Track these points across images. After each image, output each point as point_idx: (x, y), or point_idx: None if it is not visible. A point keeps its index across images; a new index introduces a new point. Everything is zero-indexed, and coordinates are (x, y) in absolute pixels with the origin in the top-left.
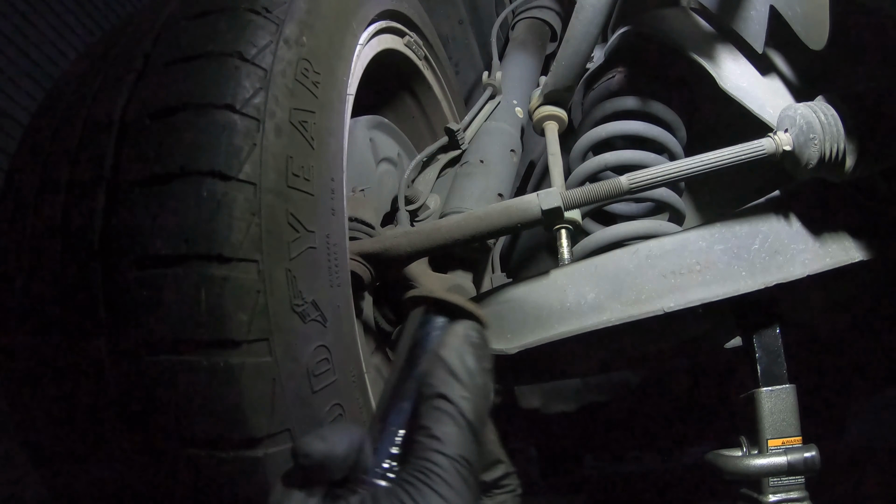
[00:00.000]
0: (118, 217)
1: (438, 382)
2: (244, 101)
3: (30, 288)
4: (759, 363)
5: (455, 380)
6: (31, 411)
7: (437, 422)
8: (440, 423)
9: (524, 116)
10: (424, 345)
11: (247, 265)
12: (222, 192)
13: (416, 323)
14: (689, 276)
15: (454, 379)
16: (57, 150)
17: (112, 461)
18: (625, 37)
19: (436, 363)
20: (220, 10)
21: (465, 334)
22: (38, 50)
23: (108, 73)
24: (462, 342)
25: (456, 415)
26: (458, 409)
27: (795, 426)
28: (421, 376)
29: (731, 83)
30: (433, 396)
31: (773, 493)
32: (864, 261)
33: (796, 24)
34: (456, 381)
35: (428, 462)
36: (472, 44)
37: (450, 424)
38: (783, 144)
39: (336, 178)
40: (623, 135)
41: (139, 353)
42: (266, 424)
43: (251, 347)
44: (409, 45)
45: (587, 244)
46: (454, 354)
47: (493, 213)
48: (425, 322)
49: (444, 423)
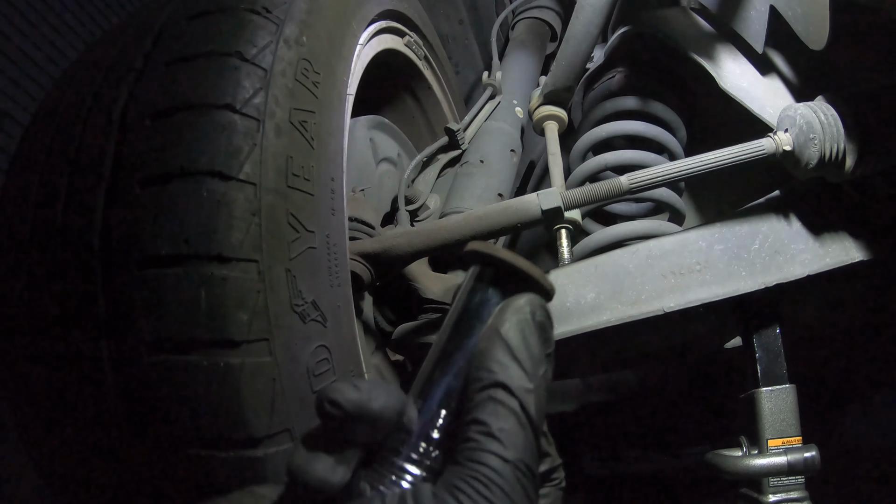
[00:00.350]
0: (118, 217)
1: (499, 368)
2: (244, 101)
3: (30, 288)
4: (759, 363)
5: (519, 368)
6: (30, 411)
7: (496, 417)
8: (500, 418)
9: (524, 116)
10: (481, 314)
11: (247, 265)
12: (222, 192)
13: (471, 285)
14: (689, 276)
15: (518, 366)
16: (57, 151)
17: (112, 461)
18: (625, 37)
19: (495, 343)
20: (220, 10)
21: (532, 311)
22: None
23: (108, 73)
24: (528, 321)
25: (519, 411)
26: (521, 403)
27: (795, 426)
28: (476, 355)
29: (731, 83)
30: (492, 385)
31: (773, 493)
32: (864, 261)
33: (796, 24)
34: (520, 369)
35: (485, 467)
36: (472, 44)
37: (511, 422)
38: (783, 144)
39: (336, 178)
40: (623, 135)
41: (139, 353)
42: (266, 424)
43: (251, 347)
44: (409, 45)
45: (587, 244)
46: (518, 336)
47: (493, 213)
48: (484, 286)
49: (505, 419)
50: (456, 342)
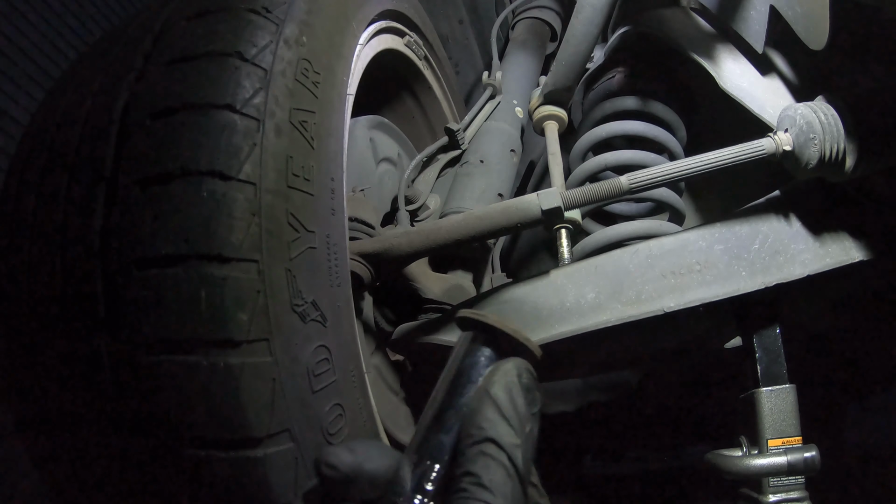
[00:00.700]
0: (118, 217)
1: (489, 425)
2: (244, 101)
3: (30, 288)
4: (759, 363)
5: (507, 424)
6: (30, 411)
7: (486, 469)
8: (489, 470)
9: (524, 116)
10: (471, 376)
11: (247, 265)
12: (222, 192)
13: (464, 349)
14: (689, 276)
15: (506, 423)
16: (57, 150)
17: (112, 461)
18: (625, 37)
19: (486, 402)
20: (220, 10)
21: (518, 373)
22: (38, 50)
23: (108, 73)
24: (514, 382)
25: (507, 464)
26: (509, 457)
27: (795, 426)
28: (467, 413)
29: (731, 83)
30: (482, 440)
31: (773, 493)
32: (864, 261)
33: (796, 24)
34: (507, 425)
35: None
36: (472, 44)
37: (500, 473)
38: (783, 144)
39: (336, 178)
40: (623, 135)
41: (139, 353)
42: (266, 424)
43: (251, 347)
44: (409, 45)
45: (587, 244)
46: (506, 396)
47: (493, 213)
48: (474, 350)
49: (494, 471)
50: (449, 401)
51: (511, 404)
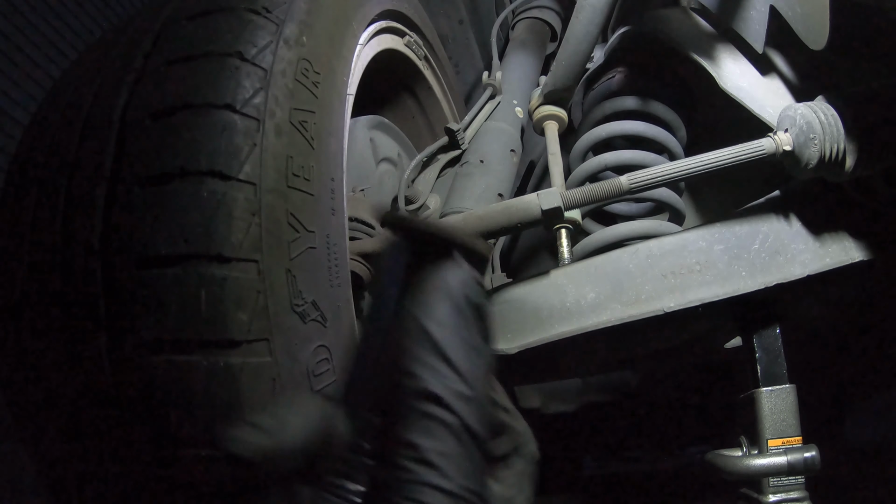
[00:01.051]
0: (118, 217)
1: (426, 372)
2: (244, 101)
3: (30, 287)
4: (759, 363)
5: (451, 370)
6: (30, 411)
7: (429, 437)
8: (435, 439)
9: (524, 116)
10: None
11: (247, 265)
12: (222, 192)
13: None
14: (689, 276)
15: (450, 368)
16: (57, 151)
17: (112, 461)
18: (625, 37)
19: (417, 338)
20: (220, 10)
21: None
22: (38, 50)
23: (108, 73)
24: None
25: (456, 426)
26: (457, 417)
27: (795, 426)
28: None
29: (731, 83)
30: (419, 396)
31: (773, 493)
32: (864, 261)
33: (796, 24)
34: (453, 371)
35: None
36: (472, 44)
37: (449, 443)
38: (783, 144)
39: (336, 178)
40: (623, 135)
41: (139, 352)
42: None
43: (251, 347)
44: (409, 45)
45: (587, 244)
46: (447, 327)
47: (493, 213)
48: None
49: (442, 440)
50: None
51: (453, 335)
